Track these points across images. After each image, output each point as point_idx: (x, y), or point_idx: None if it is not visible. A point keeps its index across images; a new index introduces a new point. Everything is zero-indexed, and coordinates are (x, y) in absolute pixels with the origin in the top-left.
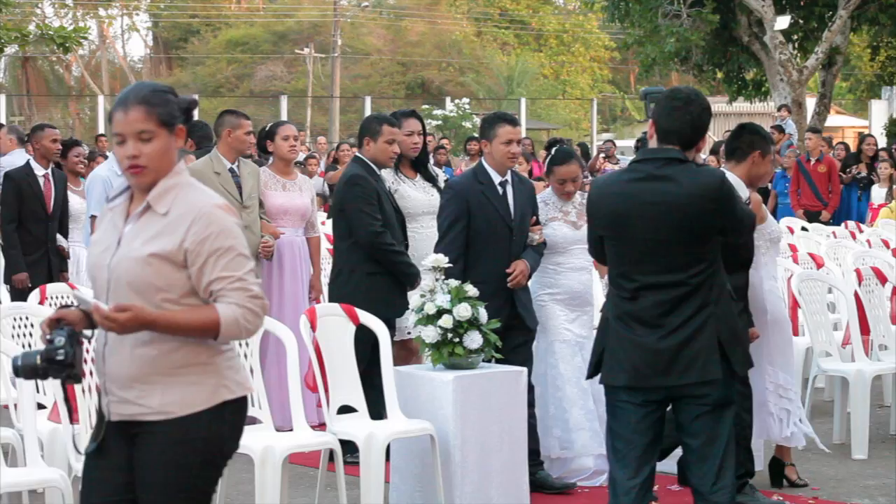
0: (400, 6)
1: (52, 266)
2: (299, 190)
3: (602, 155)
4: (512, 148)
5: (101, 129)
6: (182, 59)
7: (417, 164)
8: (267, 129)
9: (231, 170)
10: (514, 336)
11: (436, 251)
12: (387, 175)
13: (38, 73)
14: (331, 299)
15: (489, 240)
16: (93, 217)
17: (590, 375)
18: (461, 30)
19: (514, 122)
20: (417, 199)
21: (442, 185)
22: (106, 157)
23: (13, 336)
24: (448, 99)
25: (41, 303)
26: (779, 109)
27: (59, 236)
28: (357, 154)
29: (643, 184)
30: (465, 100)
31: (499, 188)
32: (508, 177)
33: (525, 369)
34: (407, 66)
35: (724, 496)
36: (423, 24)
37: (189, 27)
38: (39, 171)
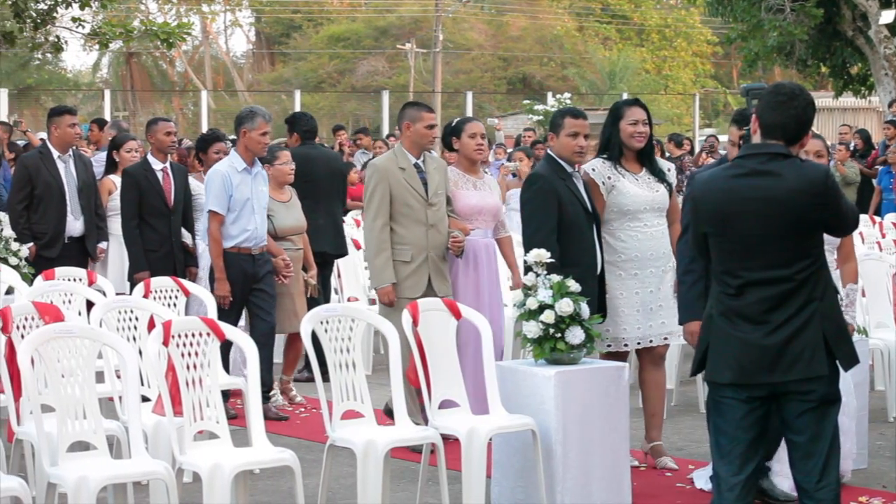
0: (501, 0)
1: (177, 262)
2: (489, 189)
3: (705, 152)
4: None
5: (205, 125)
6: (284, 55)
7: (643, 157)
8: (453, 124)
9: (416, 165)
10: None
11: (676, 245)
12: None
13: (142, 69)
14: None
15: None
16: (211, 212)
17: (693, 372)
18: (563, 25)
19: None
20: (637, 195)
21: (672, 179)
22: None
23: (118, 329)
24: (550, 94)
25: (146, 296)
26: (890, 105)
27: (183, 231)
28: (548, 150)
29: (747, 179)
30: (567, 95)
31: None
32: None
33: (626, 365)
34: (508, 61)
35: (828, 493)
36: (525, 19)
37: (291, 22)
38: (157, 165)
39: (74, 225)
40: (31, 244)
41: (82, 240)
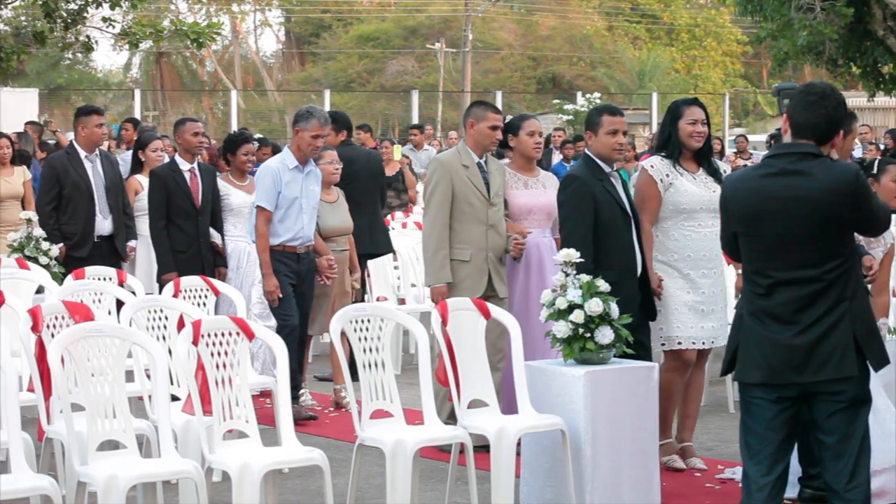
0: (531, 0)
1: (206, 262)
2: (542, 187)
3: (739, 157)
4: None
5: (235, 125)
6: (314, 55)
7: (700, 157)
8: (508, 121)
9: (478, 164)
10: None
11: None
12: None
13: (172, 69)
14: None
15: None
16: (259, 208)
17: (724, 372)
18: (592, 24)
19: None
20: (695, 194)
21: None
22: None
23: (147, 329)
24: (579, 94)
25: (175, 295)
26: None
27: (212, 231)
28: (585, 150)
29: (777, 179)
30: (597, 94)
31: None
32: None
33: (656, 364)
34: (538, 60)
35: (858, 494)
36: (554, 19)
37: (321, 22)
38: (184, 165)
39: (103, 224)
40: (60, 245)
41: (112, 239)
